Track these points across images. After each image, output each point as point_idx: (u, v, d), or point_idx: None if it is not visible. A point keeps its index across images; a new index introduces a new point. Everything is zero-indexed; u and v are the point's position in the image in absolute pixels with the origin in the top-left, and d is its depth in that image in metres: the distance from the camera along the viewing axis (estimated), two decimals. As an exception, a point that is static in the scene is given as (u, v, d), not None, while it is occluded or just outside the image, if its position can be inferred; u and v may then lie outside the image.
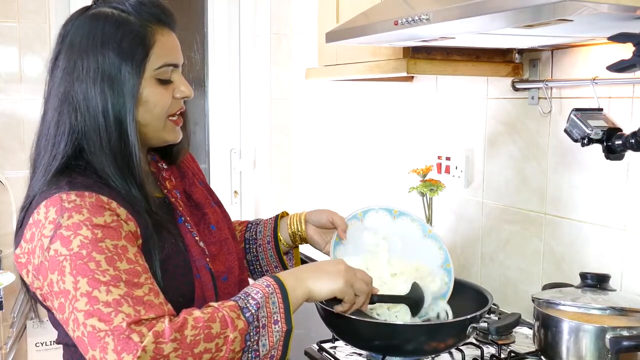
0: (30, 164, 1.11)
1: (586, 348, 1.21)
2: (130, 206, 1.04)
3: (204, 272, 1.13)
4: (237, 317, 0.99)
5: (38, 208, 1.00)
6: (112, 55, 1.05)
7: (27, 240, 1.01)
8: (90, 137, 1.05)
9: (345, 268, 1.15)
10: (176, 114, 1.14)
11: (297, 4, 2.69)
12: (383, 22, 1.25)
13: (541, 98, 1.59)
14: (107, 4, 1.09)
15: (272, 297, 1.03)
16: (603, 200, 1.46)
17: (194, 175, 1.28)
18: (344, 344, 1.43)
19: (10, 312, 2.49)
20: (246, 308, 1.01)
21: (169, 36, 1.11)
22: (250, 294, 1.03)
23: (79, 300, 0.93)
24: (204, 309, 0.99)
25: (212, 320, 0.97)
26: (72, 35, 1.07)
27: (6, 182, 2.54)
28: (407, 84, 2.04)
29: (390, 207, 1.46)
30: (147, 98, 1.08)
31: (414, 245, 1.44)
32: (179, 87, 1.13)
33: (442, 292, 1.39)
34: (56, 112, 1.06)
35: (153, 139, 1.14)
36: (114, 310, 0.92)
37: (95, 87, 1.04)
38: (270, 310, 1.02)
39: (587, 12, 0.92)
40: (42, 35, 2.54)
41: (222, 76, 2.90)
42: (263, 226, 1.44)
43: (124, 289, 0.94)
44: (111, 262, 0.96)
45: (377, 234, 1.42)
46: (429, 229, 1.45)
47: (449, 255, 1.42)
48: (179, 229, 1.14)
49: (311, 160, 2.70)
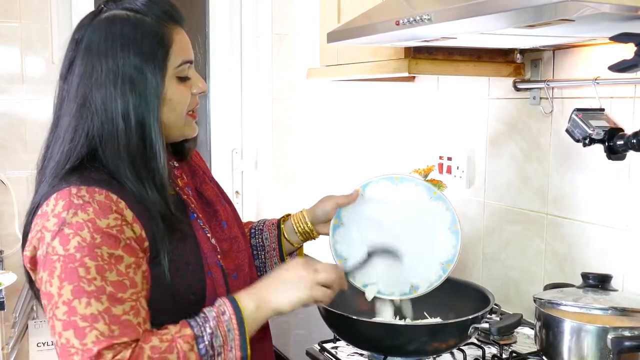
0: (38, 169, 1.10)
1: (588, 348, 1.21)
2: (140, 208, 1.03)
3: (215, 269, 1.12)
4: (190, 349, 0.98)
5: (48, 200, 1.01)
6: (133, 57, 1.04)
7: (32, 230, 1.02)
8: (107, 141, 1.04)
9: (305, 271, 1.12)
10: (194, 109, 1.15)
11: (299, 4, 2.69)
12: (384, 22, 1.25)
13: (543, 98, 1.59)
14: (118, 6, 1.08)
15: (227, 324, 1.02)
16: (605, 200, 1.46)
17: (204, 173, 1.28)
18: (346, 344, 1.43)
19: (12, 312, 2.49)
20: (201, 337, 0.99)
21: (182, 33, 1.12)
22: (208, 319, 1.02)
23: (59, 308, 0.95)
24: (162, 336, 0.98)
25: (170, 351, 0.96)
26: (88, 40, 1.06)
27: (8, 182, 2.53)
28: (409, 84, 2.04)
29: (391, 175, 1.43)
30: (170, 97, 1.08)
31: (420, 210, 1.41)
32: (197, 84, 1.14)
33: (449, 256, 1.37)
34: (74, 117, 1.05)
35: (174, 135, 1.14)
36: (89, 326, 0.93)
37: (116, 90, 1.03)
38: (225, 337, 1.01)
39: (588, 12, 0.92)
40: (44, 36, 2.54)
41: (224, 76, 2.90)
42: (268, 232, 1.42)
43: (105, 304, 0.95)
44: (101, 271, 0.96)
45: (379, 204, 1.40)
46: (434, 190, 1.42)
47: (456, 217, 1.39)
48: (192, 226, 1.14)
49: (313, 160, 2.70)
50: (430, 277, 1.37)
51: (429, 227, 1.39)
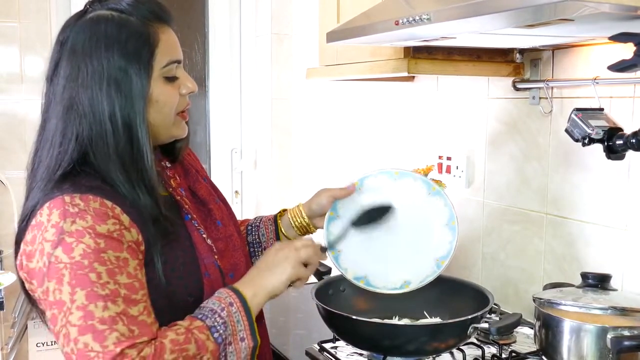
0: (28, 173, 1.09)
1: (587, 348, 1.21)
2: (135, 212, 1.03)
3: (212, 270, 1.13)
4: (207, 339, 1.00)
5: (41, 209, 0.99)
6: (117, 57, 1.03)
7: (27, 242, 1.00)
8: (97, 143, 1.03)
9: (286, 251, 1.15)
10: (185, 110, 1.14)
11: (298, 4, 2.69)
12: (384, 22, 1.25)
13: (542, 98, 1.59)
14: (103, 6, 1.07)
15: (236, 315, 1.04)
16: (604, 200, 1.46)
17: (197, 172, 1.27)
18: (345, 344, 1.43)
19: (12, 312, 2.49)
20: (214, 327, 1.01)
21: (169, 33, 1.10)
22: (216, 311, 1.04)
23: (73, 314, 0.93)
24: (177, 329, 0.99)
25: (188, 341, 0.98)
26: (73, 41, 1.05)
27: (7, 182, 2.54)
28: (408, 84, 2.04)
29: (390, 170, 1.42)
30: (157, 98, 1.07)
31: (418, 205, 1.40)
32: (185, 83, 1.12)
33: (445, 252, 1.36)
34: (61, 120, 1.04)
35: (162, 136, 1.13)
36: (108, 328, 0.92)
37: (102, 92, 1.02)
38: (235, 328, 1.03)
39: (588, 12, 0.92)
40: (43, 36, 2.54)
41: (223, 76, 2.90)
42: (264, 229, 1.43)
43: (121, 306, 0.95)
44: (112, 275, 0.96)
45: (376, 198, 1.39)
46: (433, 186, 1.41)
47: (454, 213, 1.38)
48: (187, 227, 1.14)
49: (312, 160, 2.70)
50: (423, 272, 1.35)
51: (426, 223, 1.39)
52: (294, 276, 1.14)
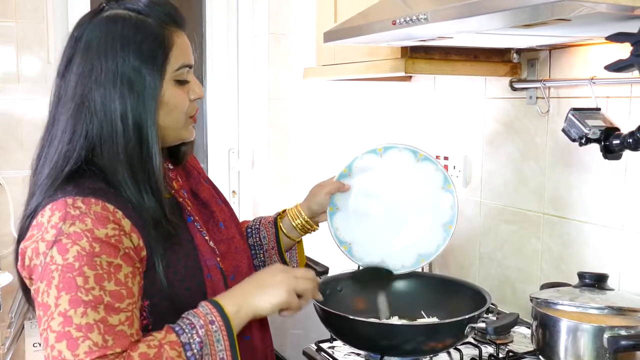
0: (33, 170, 1.08)
1: (584, 347, 1.21)
2: (137, 216, 1.02)
3: (214, 272, 1.12)
4: (178, 356, 0.96)
5: (43, 210, 0.99)
6: (132, 58, 1.02)
7: (27, 241, 1.00)
8: (106, 142, 1.02)
9: (284, 275, 1.12)
10: (194, 114, 1.15)
11: (295, 4, 2.69)
12: (381, 22, 1.25)
13: (539, 98, 1.59)
14: (120, 6, 1.07)
15: (217, 335, 1.00)
16: (601, 199, 1.46)
17: (199, 174, 1.27)
18: (342, 343, 1.43)
19: (8, 312, 2.48)
20: (188, 345, 0.98)
21: (183, 37, 1.11)
22: (195, 327, 0.99)
23: (54, 319, 0.93)
24: (150, 341, 0.96)
25: (158, 357, 0.95)
26: (88, 38, 1.04)
27: (4, 182, 2.53)
28: (405, 84, 2.04)
29: (374, 147, 1.44)
30: (167, 100, 1.07)
31: (410, 174, 1.43)
32: (194, 89, 1.12)
33: (449, 217, 1.40)
34: (72, 117, 1.03)
35: (170, 139, 1.13)
36: (83, 336, 0.92)
37: (115, 91, 1.02)
38: (214, 348, 1.00)
39: (585, 12, 0.93)
40: (40, 35, 2.53)
41: (220, 76, 2.90)
42: (265, 231, 1.42)
43: (101, 314, 0.94)
44: (99, 281, 0.95)
45: (368, 178, 1.41)
46: (420, 152, 1.43)
47: (448, 176, 1.42)
48: (189, 229, 1.13)
49: (309, 160, 2.70)
50: (434, 242, 1.38)
51: (423, 190, 1.40)
52: (285, 304, 1.10)
